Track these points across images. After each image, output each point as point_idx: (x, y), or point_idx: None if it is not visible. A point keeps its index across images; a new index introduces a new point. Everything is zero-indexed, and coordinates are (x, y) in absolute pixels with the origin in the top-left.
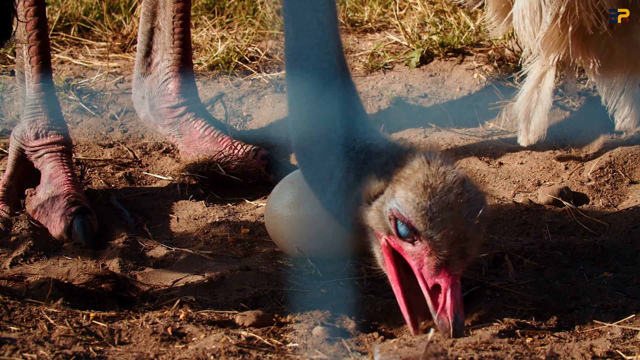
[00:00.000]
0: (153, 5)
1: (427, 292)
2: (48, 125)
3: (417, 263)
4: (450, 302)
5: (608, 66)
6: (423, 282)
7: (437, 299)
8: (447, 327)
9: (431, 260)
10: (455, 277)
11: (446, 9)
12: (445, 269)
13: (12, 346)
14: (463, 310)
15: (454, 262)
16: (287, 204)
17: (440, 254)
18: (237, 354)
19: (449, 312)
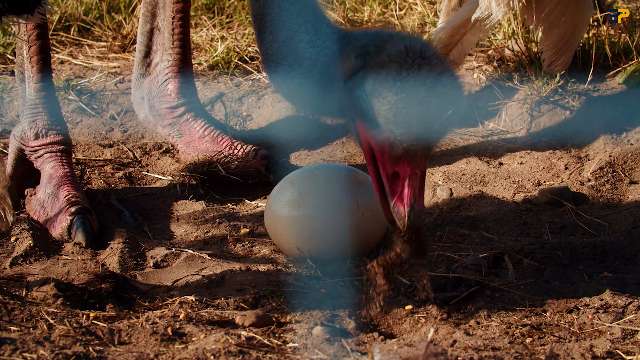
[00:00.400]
0: (152, 5)
1: (386, 179)
2: (48, 125)
3: (379, 149)
4: (407, 191)
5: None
6: (382, 169)
7: (395, 186)
8: (402, 215)
9: (392, 149)
10: (415, 167)
11: None
12: (406, 158)
13: (12, 346)
14: (422, 200)
15: (416, 153)
16: (287, 204)
17: (402, 146)
18: (237, 354)
19: (405, 199)
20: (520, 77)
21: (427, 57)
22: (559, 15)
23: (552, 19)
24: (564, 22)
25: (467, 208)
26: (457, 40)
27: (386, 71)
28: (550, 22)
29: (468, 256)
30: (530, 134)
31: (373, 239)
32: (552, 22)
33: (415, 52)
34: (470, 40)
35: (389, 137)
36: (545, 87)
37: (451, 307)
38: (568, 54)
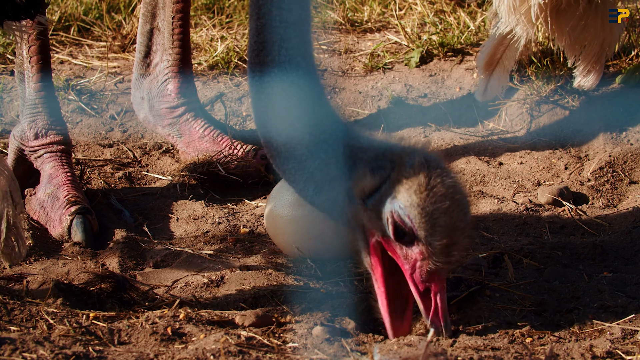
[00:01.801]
0: (152, 6)
1: (419, 296)
2: (48, 125)
3: (410, 267)
4: (440, 306)
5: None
6: (414, 286)
7: (428, 303)
8: (439, 330)
9: (424, 265)
10: (442, 281)
11: (446, 8)
12: (436, 274)
13: (11, 346)
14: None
15: (443, 268)
16: (287, 204)
17: (435, 260)
18: (236, 354)
19: (440, 315)
20: (520, 77)
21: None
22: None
23: (578, 33)
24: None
25: None
26: (499, 58)
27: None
28: (576, 36)
29: (468, 256)
30: (530, 134)
31: None
32: (577, 36)
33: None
34: (510, 57)
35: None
36: (545, 87)
37: (451, 307)
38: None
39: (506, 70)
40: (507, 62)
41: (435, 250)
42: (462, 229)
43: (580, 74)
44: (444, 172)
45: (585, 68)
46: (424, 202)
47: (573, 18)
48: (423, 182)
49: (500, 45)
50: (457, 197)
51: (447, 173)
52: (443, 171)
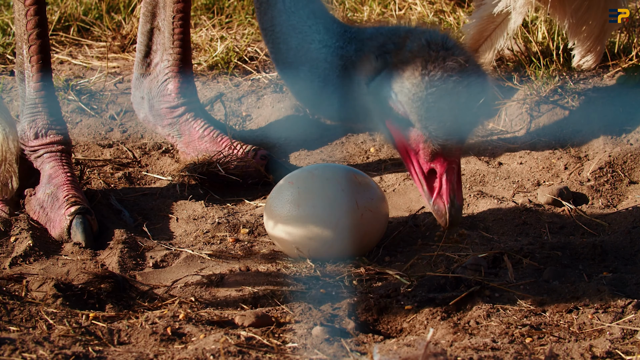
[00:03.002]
0: (153, 5)
1: (423, 177)
2: (48, 125)
3: (414, 148)
4: (445, 187)
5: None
6: (419, 167)
7: (432, 183)
8: (442, 212)
9: (426, 146)
10: (451, 162)
11: (445, 8)
12: (441, 155)
13: (11, 346)
14: (461, 195)
15: (451, 148)
16: (286, 204)
17: (436, 142)
18: (236, 354)
19: (444, 196)
20: (519, 77)
21: (450, 48)
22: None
23: (581, 14)
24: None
25: (467, 208)
26: (487, 36)
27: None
28: (579, 17)
29: (467, 256)
30: (530, 134)
31: (372, 239)
32: (580, 18)
33: (437, 45)
34: (499, 35)
35: (423, 133)
36: (545, 87)
37: (451, 307)
38: (599, 50)
39: (494, 49)
40: (495, 40)
41: (433, 134)
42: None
43: (580, 54)
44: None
45: (585, 48)
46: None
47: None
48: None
49: (492, 22)
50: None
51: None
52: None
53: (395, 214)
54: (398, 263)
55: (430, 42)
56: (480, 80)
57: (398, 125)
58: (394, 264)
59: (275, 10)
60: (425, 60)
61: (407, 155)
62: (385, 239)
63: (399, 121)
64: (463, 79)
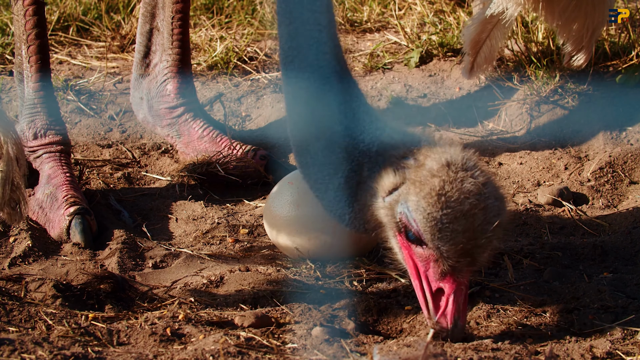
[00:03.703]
0: (152, 6)
1: (430, 295)
2: (47, 125)
3: (424, 265)
4: (451, 308)
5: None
6: (427, 285)
7: (439, 302)
8: (444, 333)
9: (437, 266)
10: (459, 283)
11: (445, 8)
12: (450, 274)
13: (10, 347)
14: (465, 316)
15: (461, 269)
16: (286, 204)
17: (447, 262)
18: (236, 355)
19: (449, 317)
20: (519, 77)
21: (469, 169)
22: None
23: (569, 14)
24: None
25: None
26: (486, 37)
27: (429, 187)
28: (567, 17)
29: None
30: (530, 134)
31: (372, 239)
32: (568, 17)
33: (456, 166)
34: (498, 36)
35: (435, 253)
36: (545, 87)
37: None
38: (589, 48)
39: (494, 49)
40: (494, 41)
41: (444, 255)
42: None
43: (570, 53)
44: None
45: (575, 47)
46: (432, 207)
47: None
48: (436, 187)
49: (488, 23)
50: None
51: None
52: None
53: None
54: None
55: (450, 163)
56: (497, 203)
57: (410, 242)
58: (394, 264)
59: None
60: (444, 180)
61: (415, 272)
62: None
63: (410, 237)
64: (480, 201)
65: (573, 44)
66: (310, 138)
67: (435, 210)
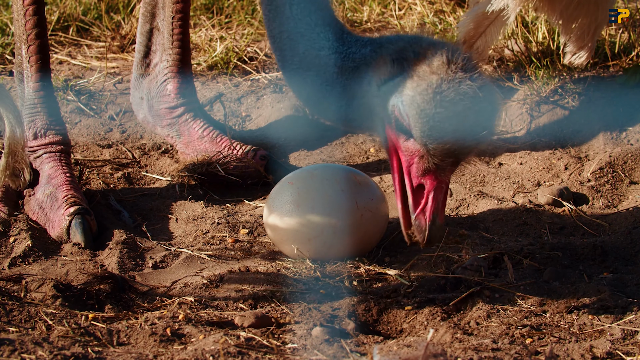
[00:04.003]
0: (152, 6)
1: (410, 190)
2: (47, 125)
3: (408, 160)
4: (430, 204)
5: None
6: (408, 180)
7: (419, 198)
8: (422, 228)
9: (421, 162)
10: (441, 181)
11: (445, 8)
12: (433, 172)
13: (10, 347)
14: (443, 215)
15: (444, 168)
16: (286, 204)
17: (432, 159)
18: (236, 355)
19: (427, 213)
20: (519, 77)
21: (468, 70)
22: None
23: (571, 12)
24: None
25: (467, 208)
26: (481, 32)
27: (426, 82)
28: (569, 14)
29: (468, 257)
30: (530, 134)
31: (372, 239)
32: (570, 15)
33: (456, 65)
34: (494, 32)
35: (422, 148)
36: (545, 87)
37: (451, 308)
38: (590, 46)
39: (487, 45)
40: (489, 37)
41: (431, 151)
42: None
43: (571, 51)
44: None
45: (577, 45)
46: (426, 103)
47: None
48: (433, 84)
49: (486, 19)
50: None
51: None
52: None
53: (395, 214)
54: (398, 264)
55: (451, 62)
56: (490, 108)
57: (398, 133)
58: (394, 264)
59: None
60: (442, 78)
61: (397, 165)
62: (385, 239)
63: (400, 130)
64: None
65: (575, 42)
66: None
67: (429, 108)
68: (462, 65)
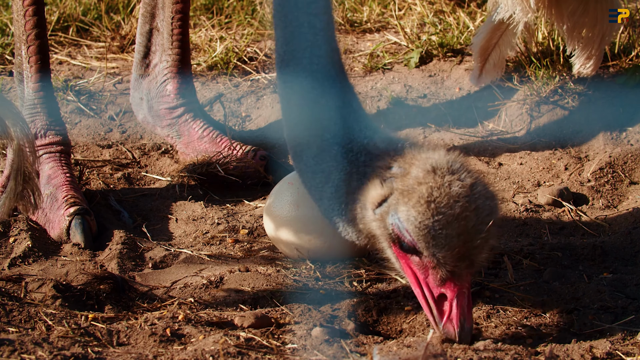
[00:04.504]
0: (152, 6)
1: (433, 302)
2: (47, 125)
3: (422, 273)
4: (455, 312)
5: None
6: (429, 292)
7: (442, 307)
8: (452, 336)
9: (436, 272)
10: (461, 287)
11: (445, 9)
12: (450, 279)
13: (10, 347)
14: (471, 318)
15: (460, 273)
16: (286, 204)
17: (445, 268)
18: (236, 355)
19: (454, 321)
20: (519, 78)
21: (455, 171)
22: (583, 15)
23: (577, 19)
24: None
25: None
26: (495, 43)
27: (417, 195)
28: (575, 21)
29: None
30: (530, 135)
31: None
32: (576, 22)
33: (442, 170)
34: (507, 42)
35: (432, 260)
36: (545, 88)
37: None
38: (598, 55)
39: (502, 55)
40: (503, 48)
41: (441, 261)
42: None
43: (579, 60)
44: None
45: (585, 54)
46: (423, 215)
47: (572, 2)
48: (424, 194)
49: (497, 30)
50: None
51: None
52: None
53: None
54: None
55: (436, 168)
56: (488, 202)
57: (405, 251)
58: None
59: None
60: (431, 187)
61: (415, 280)
62: None
63: (405, 247)
64: (470, 203)
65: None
66: (303, 144)
67: (427, 218)
68: (448, 169)
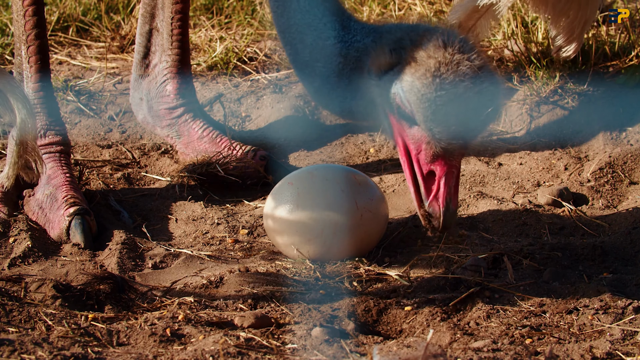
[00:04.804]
0: (151, 6)
1: (421, 178)
2: (46, 125)
3: (415, 147)
4: (443, 190)
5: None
6: (418, 167)
7: (430, 185)
8: (437, 215)
9: (429, 148)
10: (451, 166)
11: (445, 9)
12: (442, 157)
13: (10, 347)
14: (457, 200)
15: (453, 152)
16: (286, 204)
17: (439, 144)
18: (235, 355)
19: (441, 199)
20: (519, 78)
21: (466, 51)
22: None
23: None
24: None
25: (467, 209)
26: (472, 24)
27: (424, 67)
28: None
29: (467, 257)
30: (530, 135)
31: (372, 239)
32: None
33: (453, 47)
34: (484, 25)
35: (427, 134)
36: (545, 88)
37: (450, 308)
38: (579, 40)
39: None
40: (479, 30)
41: (437, 136)
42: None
43: (560, 45)
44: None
45: (566, 39)
46: (426, 88)
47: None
48: (431, 68)
49: (476, 12)
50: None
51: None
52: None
53: (395, 214)
54: (398, 264)
55: (447, 44)
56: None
57: (402, 122)
58: (394, 264)
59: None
60: (439, 62)
61: (406, 154)
62: (385, 239)
63: (404, 118)
64: (474, 85)
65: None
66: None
67: (430, 92)
68: (459, 47)
